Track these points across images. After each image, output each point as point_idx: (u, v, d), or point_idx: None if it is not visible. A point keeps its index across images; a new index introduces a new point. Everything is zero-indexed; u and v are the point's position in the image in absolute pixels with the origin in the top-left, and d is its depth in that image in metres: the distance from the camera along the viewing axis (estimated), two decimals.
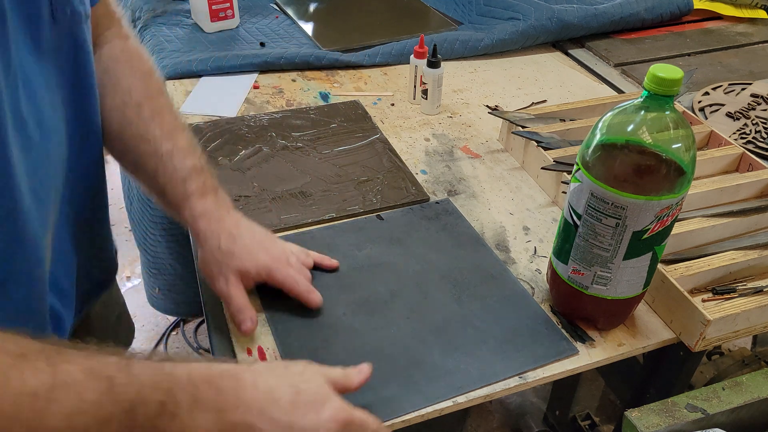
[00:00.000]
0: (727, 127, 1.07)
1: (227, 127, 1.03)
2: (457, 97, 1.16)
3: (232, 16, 1.32)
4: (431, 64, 1.05)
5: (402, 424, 0.63)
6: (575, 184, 0.64)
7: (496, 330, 0.71)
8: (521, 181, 0.95)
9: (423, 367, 0.66)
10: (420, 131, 1.06)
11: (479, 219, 0.87)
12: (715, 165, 0.95)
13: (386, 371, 0.65)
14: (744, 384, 0.67)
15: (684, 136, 0.59)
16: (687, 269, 0.74)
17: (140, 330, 1.82)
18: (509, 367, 0.67)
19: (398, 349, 0.68)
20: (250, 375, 0.50)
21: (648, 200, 0.59)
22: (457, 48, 1.26)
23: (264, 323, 0.71)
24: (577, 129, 0.98)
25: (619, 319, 0.72)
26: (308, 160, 0.96)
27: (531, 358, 0.68)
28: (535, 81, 1.21)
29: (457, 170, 0.97)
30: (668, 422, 0.62)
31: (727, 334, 0.71)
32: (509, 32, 1.28)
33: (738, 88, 1.17)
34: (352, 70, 1.22)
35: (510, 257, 0.81)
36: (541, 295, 0.76)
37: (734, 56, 1.33)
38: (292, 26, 1.36)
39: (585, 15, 1.31)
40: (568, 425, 1.18)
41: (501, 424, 1.47)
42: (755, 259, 0.77)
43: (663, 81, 0.57)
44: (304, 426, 0.50)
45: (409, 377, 0.65)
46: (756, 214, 0.83)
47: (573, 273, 0.68)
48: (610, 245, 0.63)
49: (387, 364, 0.66)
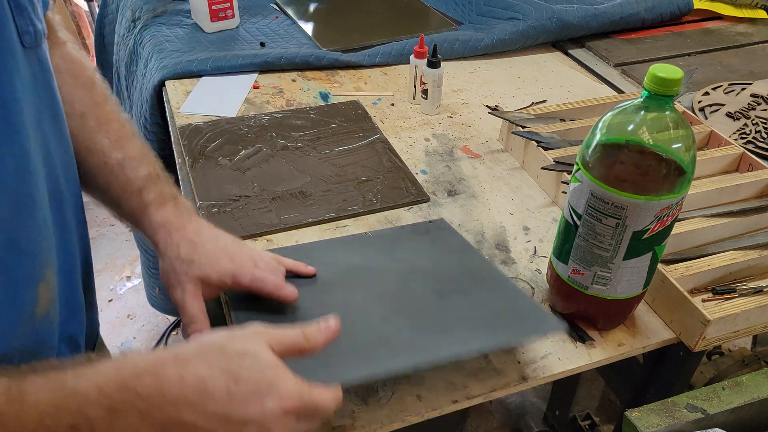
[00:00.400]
0: (727, 127, 1.07)
1: (227, 127, 1.03)
2: (457, 97, 1.16)
3: (232, 16, 1.32)
4: (431, 64, 1.05)
5: (402, 423, 0.63)
6: (575, 184, 0.64)
7: (477, 313, 0.65)
8: (521, 181, 0.95)
9: (390, 342, 0.61)
10: (420, 131, 1.06)
11: (479, 219, 0.87)
12: (715, 165, 0.95)
13: (347, 346, 0.58)
14: (744, 384, 0.67)
15: (684, 136, 0.59)
16: (687, 269, 0.74)
17: (140, 330, 1.83)
18: (486, 342, 0.62)
19: (365, 327, 0.63)
20: (174, 368, 0.43)
21: (648, 200, 0.59)
22: (457, 48, 1.26)
23: None
24: (577, 129, 0.99)
25: (619, 319, 0.72)
26: (308, 160, 0.96)
27: (512, 335, 0.64)
28: (535, 81, 1.21)
29: (457, 170, 0.97)
30: (668, 422, 0.62)
31: (727, 334, 0.71)
32: (509, 32, 1.28)
33: (738, 88, 1.17)
34: (352, 70, 1.22)
35: (510, 257, 0.81)
36: (541, 295, 0.76)
37: (734, 56, 1.33)
38: (292, 26, 1.36)
39: (585, 15, 1.31)
40: (568, 425, 1.18)
41: (501, 424, 1.48)
42: (755, 259, 0.77)
43: (663, 81, 0.57)
44: (245, 419, 0.44)
45: (372, 350, 0.60)
46: (756, 214, 0.83)
47: (573, 273, 0.68)
48: (610, 245, 0.63)
49: (350, 340, 0.58)
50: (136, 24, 1.36)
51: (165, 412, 0.42)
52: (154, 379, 0.43)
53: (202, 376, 0.44)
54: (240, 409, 0.44)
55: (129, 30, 1.37)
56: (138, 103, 1.23)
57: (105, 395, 0.41)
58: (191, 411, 0.43)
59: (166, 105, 1.10)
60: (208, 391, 0.43)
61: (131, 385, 0.42)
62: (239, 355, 0.45)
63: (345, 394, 0.63)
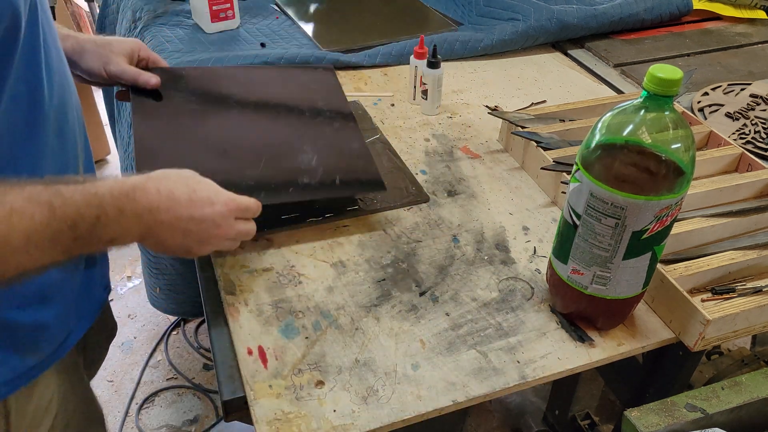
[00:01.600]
0: (727, 128, 1.07)
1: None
2: (456, 97, 1.16)
3: (233, 16, 1.32)
4: (431, 65, 1.05)
5: (402, 423, 0.63)
6: (575, 184, 0.64)
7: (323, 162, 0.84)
8: (521, 182, 0.95)
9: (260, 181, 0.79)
10: (420, 131, 1.06)
11: (479, 219, 0.87)
12: (714, 165, 0.95)
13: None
14: (743, 384, 0.67)
15: (683, 137, 0.59)
16: (686, 269, 0.74)
17: (141, 330, 1.83)
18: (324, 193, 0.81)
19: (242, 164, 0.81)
20: (153, 183, 0.62)
21: (647, 200, 0.59)
22: (457, 48, 1.27)
23: (265, 322, 0.71)
24: (576, 129, 0.99)
25: (619, 319, 0.72)
26: None
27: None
28: (534, 81, 1.22)
29: (456, 170, 0.97)
30: (668, 422, 0.63)
31: (726, 334, 0.71)
32: (509, 33, 1.28)
33: (737, 89, 1.18)
34: (352, 71, 1.23)
35: (510, 257, 0.81)
36: (541, 295, 0.76)
37: (733, 56, 1.33)
38: (293, 27, 1.37)
39: (585, 15, 1.32)
40: (568, 425, 1.18)
41: (501, 423, 1.48)
42: (754, 259, 0.77)
43: (662, 81, 0.57)
44: (202, 216, 0.64)
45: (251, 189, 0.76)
46: (755, 214, 0.83)
47: (572, 273, 0.68)
48: (609, 245, 0.63)
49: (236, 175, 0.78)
50: (137, 24, 1.36)
51: (150, 216, 0.61)
52: (142, 192, 0.61)
53: (170, 188, 0.63)
54: (198, 211, 0.64)
55: (129, 30, 1.38)
56: None
57: (115, 198, 0.58)
58: (166, 214, 0.62)
59: None
60: (175, 198, 0.62)
61: (131, 195, 0.60)
62: (191, 176, 0.66)
63: (345, 393, 0.64)
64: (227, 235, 0.67)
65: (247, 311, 0.73)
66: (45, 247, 0.54)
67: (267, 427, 0.61)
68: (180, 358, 1.75)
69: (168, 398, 1.66)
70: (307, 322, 0.72)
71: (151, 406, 1.64)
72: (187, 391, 1.67)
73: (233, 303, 0.74)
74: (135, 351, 1.77)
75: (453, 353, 0.69)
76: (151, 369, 1.73)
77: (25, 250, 0.53)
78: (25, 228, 0.52)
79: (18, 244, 0.52)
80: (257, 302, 0.74)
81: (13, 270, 0.54)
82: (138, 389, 1.67)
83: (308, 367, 0.67)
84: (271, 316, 0.72)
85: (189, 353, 1.77)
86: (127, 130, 1.41)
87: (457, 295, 0.76)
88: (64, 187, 0.56)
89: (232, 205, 0.67)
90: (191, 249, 0.66)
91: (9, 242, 0.52)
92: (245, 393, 0.64)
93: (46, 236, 0.54)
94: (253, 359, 0.67)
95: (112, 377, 1.70)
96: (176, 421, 1.60)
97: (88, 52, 0.85)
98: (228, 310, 0.73)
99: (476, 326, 0.72)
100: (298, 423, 0.61)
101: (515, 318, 0.73)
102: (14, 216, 0.52)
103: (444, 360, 0.68)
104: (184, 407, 1.64)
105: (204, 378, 1.70)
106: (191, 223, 0.64)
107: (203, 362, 1.74)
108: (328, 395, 0.64)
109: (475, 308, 0.74)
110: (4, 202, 0.52)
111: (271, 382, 0.65)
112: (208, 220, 0.64)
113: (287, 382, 0.65)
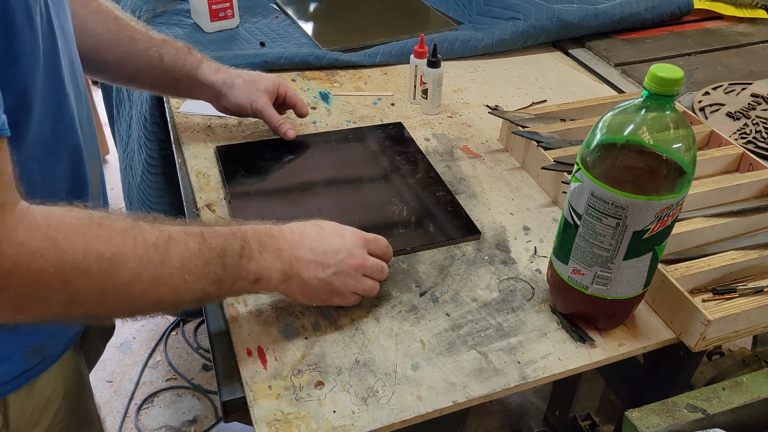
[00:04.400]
0: (728, 127, 1.07)
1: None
2: (457, 97, 1.16)
3: (232, 15, 1.32)
4: (431, 64, 1.05)
5: (402, 424, 0.63)
6: (575, 184, 0.64)
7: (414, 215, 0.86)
8: (521, 181, 0.95)
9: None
10: (420, 131, 1.05)
11: (479, 219, 0.87)
12: (715, 165, 0.95)
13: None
14: (744, 384, 0.67)
15: (684, 136, 0.59)
16: (687, 269, 0.74)
17: (140, 330, 1.82)
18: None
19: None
20: (285, 226, 0.68)
21: (648, 200, 0.59)
22: (457, 48, 1.26)
23: (264, 323, 0.71)
24: (577, 129, 0.98)
25: (620, 319, 0.72)
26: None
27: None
28: (535, 81, 1.21)
29: (457, 170, 0.96)
30: (668, 422, 0.62)
31: (727, 334, 0.71)
32: (509, 32, 1.28)
33: (738, 88, 1.17)
34: (352, 70, 1.22)
35: (510, 257, 0.81)
36: (542, 295, 0.76)
37: (734, 56, 1.33)
38: (292, 26, 1.36)
39: (585, 15, 1.31)
40: (569, 425, 1.18)
41: (501, 424, 1.47)
42: (755, 259, 0.77)
43: (663, 81, 0.57)
44: (335, 247, 0.68)
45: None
46: (756, 214, 0.83)
47: (573, 273, 0.68)
48: (610, 245, 0.63)
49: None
50: None
51: (288, 251, 0.65)
52: (277, 231, 0.66)
53: (301, 229, 0.68)
54: (328, 242, 0.68)
55: None
56: (138, 103, 1.23)
57: (256, 234, 0.64)
58: (301, 248, 0.66)
59: (166, 105, 1.10)
60: (308, 235, 0.68)
61: (269, 233, 0.65)
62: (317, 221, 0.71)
63: (345, 394, 0.64)
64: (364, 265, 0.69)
65: (246, 311, 0.72)
66: (198, 273, 0.58)
67: (266, 428, 0.61)
68: (179, 359, 1.75)
69: (167, 399, 1.66)
70: (306, 322, 0.72)
71: (150, 406, 1.64)
72: (187, 392, 1.67)
73: (233, 303, 0.73)
74: (134, 351, 1.77)
75: (453, 354, 0.69)
76: (151, 369, 1.73)
77: (180, 275, 0.56)
78: (180, 253, 0.56)
79: (174, 268, 0.56)
80: (257, 302, 0.74)
81: (170, 294, 0.57)
82: (137, 390, 1.67)
83: (308, 367, 0.67)
84: (271, 316, 0.72)
85: (188, 353, 1.77)
86: (126, 129, 1.40)
87: (457, 295, 0.76)
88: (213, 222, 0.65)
89: (359, 235, 0.71)
90: (332, 284, 0.67)
91: (166, 265, 0.55)
92: (245, 394, 0.64)
93: (198, 263, 0.58)
94: (253, 360, 0.67)
95: (111, 378, 1.70)
96: (175, 422, 1.60)
97: (238, 88, 0.93)
98: (227, 311, 0.72)
99: (476, 326, 0.72)
100: (298, 424, 0.61)
101: (516, 318, 0.73)
102: (171, 242, 0.56)
103: (444, 360, 0.68)
104: (184, 408, 1.64)
105: (203, 378, 1.70)
106: (327, 256, 0.67)
107: (202, 363, 1.74)
108: (328, 396, 0.64)
109: (476, 308, 0.74)
110: (163, 230, 0.57)
111: (270, 383, 0.65)
112: (342, 250, 0.68)
113: (287, 383, 0.65)
